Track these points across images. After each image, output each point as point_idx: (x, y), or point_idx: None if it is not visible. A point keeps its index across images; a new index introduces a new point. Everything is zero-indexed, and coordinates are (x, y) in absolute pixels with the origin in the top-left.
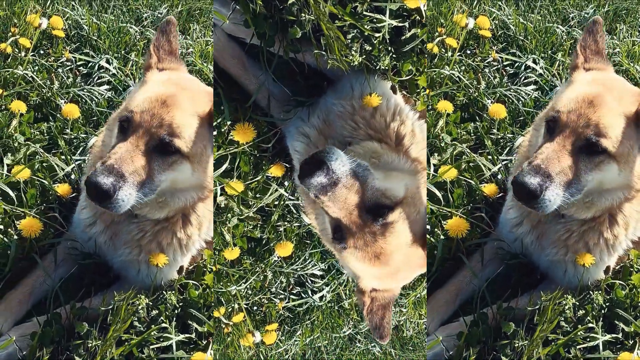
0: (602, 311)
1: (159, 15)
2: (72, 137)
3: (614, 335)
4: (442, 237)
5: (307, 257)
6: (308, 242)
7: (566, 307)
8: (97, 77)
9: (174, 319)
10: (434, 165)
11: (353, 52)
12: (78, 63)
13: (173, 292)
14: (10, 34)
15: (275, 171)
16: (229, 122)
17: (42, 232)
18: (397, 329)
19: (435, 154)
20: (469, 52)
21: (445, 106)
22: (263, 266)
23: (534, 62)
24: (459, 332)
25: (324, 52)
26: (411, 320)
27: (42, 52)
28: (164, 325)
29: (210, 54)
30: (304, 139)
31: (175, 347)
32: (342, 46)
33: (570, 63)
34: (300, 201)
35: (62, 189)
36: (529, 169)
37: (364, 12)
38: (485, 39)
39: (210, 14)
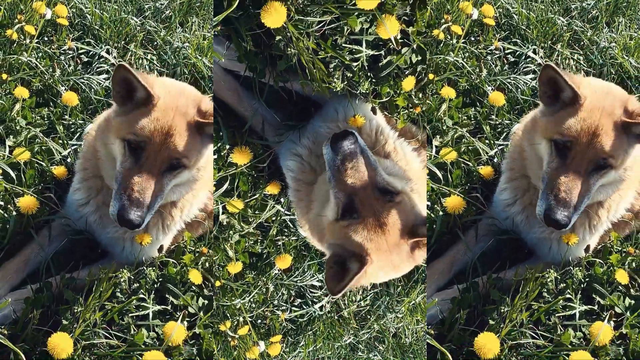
0: (582, 285)
1: (160, 6)
2: (70, 123)
3: (590, 307)
4: (441, 213)
5: (305, 269)
6: (305, 253)
7: (548, 280)
8: (96, 67)
9: (153, 292)
10: (436, 146)
11: (335, 79)
12: (80, 52)
13: (153, 268)
14: (16, 20)
15: (272, 189)
16: (227, 146)
17: (38, 210)
18: (395, 336)
19: (437, 137)
20: (472, 39)
21: (448, 92)
22: (265, 279)
23: (534, 52)
24: (453, 297)
25: (308, 81)
26: (409, 327)
27: (46, 39)
28: (143, 296)
29: (206, 48)
30: (296, 158)
31: (152, 316)
32: (324, 75)
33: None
34: (296, 216)
35: (59, 171)
36: (555, 203)
37: (344, 44)
38: (489, 27)
39: (210, 7)
